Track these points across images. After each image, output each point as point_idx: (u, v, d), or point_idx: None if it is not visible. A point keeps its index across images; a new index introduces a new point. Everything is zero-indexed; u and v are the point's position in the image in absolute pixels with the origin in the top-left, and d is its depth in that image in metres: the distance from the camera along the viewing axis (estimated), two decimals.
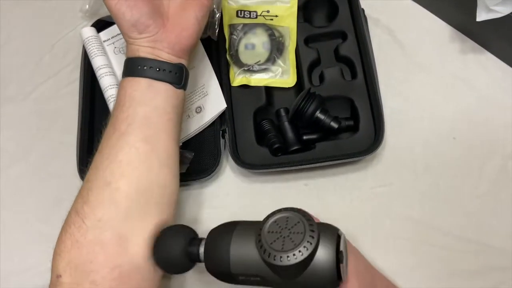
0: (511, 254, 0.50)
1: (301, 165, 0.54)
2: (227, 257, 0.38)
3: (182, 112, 0.49)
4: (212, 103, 0.58)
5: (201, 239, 0.41)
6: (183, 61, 0.48)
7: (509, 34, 0.54)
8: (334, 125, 0.53)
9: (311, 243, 0.35)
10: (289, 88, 0.59)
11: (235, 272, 0.38)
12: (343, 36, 0.59)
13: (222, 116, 0.58)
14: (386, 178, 0.55)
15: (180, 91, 0.47)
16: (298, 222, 0.37)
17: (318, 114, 0.53)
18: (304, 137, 0.55)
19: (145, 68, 0.45)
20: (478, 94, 0.57)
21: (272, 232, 0.37)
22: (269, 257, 0.36)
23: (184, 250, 0.41)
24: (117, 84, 0.59)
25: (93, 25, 0.63)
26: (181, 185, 0.56)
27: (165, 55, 0.46)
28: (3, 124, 0.64)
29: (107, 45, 0.62)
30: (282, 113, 0.57)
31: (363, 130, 0.54)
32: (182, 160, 0.56)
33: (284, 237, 0.36)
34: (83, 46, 0.62)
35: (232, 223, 0.41)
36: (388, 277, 0.49)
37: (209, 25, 0.60)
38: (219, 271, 0.40)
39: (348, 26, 0.59)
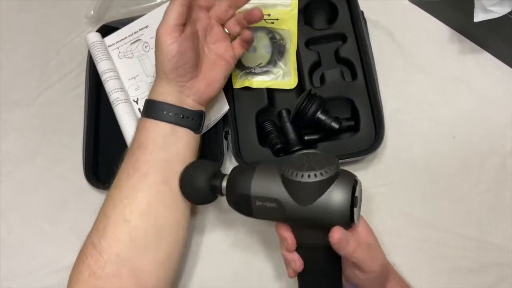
0: (511, 251, 0.51)
1: None
2: (249, 180, 0.41)
3: (197, 152, 0.52)
4: (215, 105, 0.59)
5: (224, 174, 0.45)
6: (202, 108, 0.51)
7: (507, 34, 0.55)
8: (335, 125, 0.54)
9: (331, 169, 0.38)
10: (290, 89, 0.59)
11: (253, 195, 0.41)
12: (343, 38, 0.60)
13: (224, 118, 0.58)
14: (387, 177, 0.55)
15: (198, 135, 0.50)
16: (322, 157, 0.40)
17: (319, 114, 0.54)
18: (306, 138, 0.56)
19: (170, 114, 0.47)
20: (477, 93, 0.58)
21: (298, 160, 0.40)
22: (290, 174, 0.39)
23: (208, 182, 0.45)
24: (121, 88, 0.60)
25: (98, 31, 0.64)
26: None
27: (190, 102, 0.49)
28: (10, 127, 0.65)
29: (112, 50, 0.63)
30: (284, 114, 0.58)
31: (364, 130, 0.55)
32: None
33: (307, 164, 0.40)
34: (89, 51, 0.63)
35: (253, 163, 0.45)
36: None
37: None
38: (240, 193, 0.42)
39: (348, 28, 0.60)
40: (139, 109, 0.61)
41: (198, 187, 0.45)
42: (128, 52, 0.63)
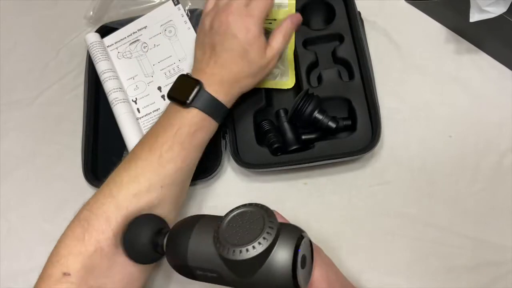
0: (507, 249, 0.51)
1: (300, 164, 0.55)
2: (185, 249, 0.38)
3: None
4: None
5: (167, 231, 0.41)
6: None
7: (502, 34, 0.55)
8: (332, 124, 0.55)
9: (266, 239, 0.33)
10: (288, 89, 0.60)
11: (192, 265, 0.38)
12: (340, 38, 0.60)
13: None
14: (384, 176, 0.56)
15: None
16: (258, 218, 0.35)
17: (316, 114, 0.54)
18: (303, 137, 0.57)
19: (221, 113, 0.50)
20: (473, 93, 0.58)
21: (231, 225, 0.35)
22: (223, 250, 0.34)
23: (151, 240, 0.41)
24: (120, 88, 0.61)
25: (97, 31, 0.64)
26: None
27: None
28: (10, 127, 0.65)
29: (111, 50, 0.64)
30: (282, 113, 0.58)
31: (361, 130, 0.55)
32: None
33: (241, 231, 0.35)
34: (88, 52, 0.63)
35: (196, 216, 0.40)
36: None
37: None
38: (178, 263, 0.39)
39: (345, 28, 0.60)
40: (137, 109, 0.61)
41: (140, 244, 0.41)
42: (127, 52, 0.63)
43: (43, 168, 0.62)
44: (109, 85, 0.60)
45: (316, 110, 0.54)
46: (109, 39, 0.64)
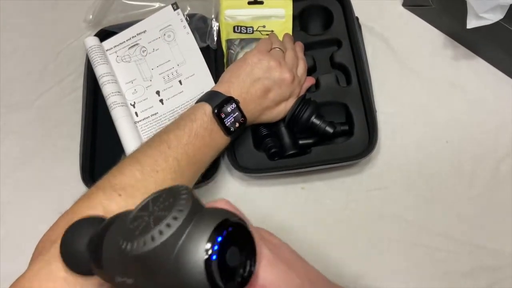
0: (503, 255, 0.51)
1: (297, 169, 0.55)
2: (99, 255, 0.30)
3: None
4: None
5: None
6: None
7: (499, 40, 0.56)
8: (329, 129, 0.55)
9: (170, 226, 0.25)
10: None
11: (108, 273, 0.30)
12: (338, 43, 0.60)
13: None
14: (381, 181, 0.56)
15: None
16: (168, 203, 0.27)
17: (314, 119, 0.55)
18: (300, 142, 0.57)
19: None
20: (470, 98, 0.59)
21: (140, 214, 0.27)
22: (123, 244, 0.26)
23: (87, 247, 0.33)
24: (118, 92, 0.61)
25: (96, 35, 0.65)
26: None
27: None
28: (8, 130, 0.65)
29: (110, 54, 0.64)
30: None
31: (358, 135, 0.55)
32: None
33: (147, 220, 0.26)
34: (87, 55, 0.63)
35: (112, 218, 0.33)
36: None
37: (208, 34, 0.62)
38: (102, 274, 0.32)
39: (343, 34, 0.60)
40: (135, 112, 0.61)
41: (76, 251, 0.34)
42: (126, 56, 0.64)
43: (41, 171, 0.62)
44: (107, 89, 0.61)
45: (313, 115, 0.54)
46: (108, 43, 0.64)
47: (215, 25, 0.62)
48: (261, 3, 0.62)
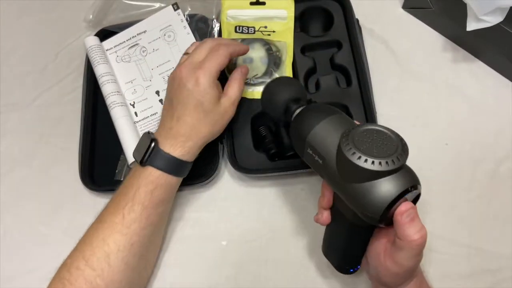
0: (503, 257, 0.51)
1: (297, 169, 0.55)
2: (311, 126, 0.40)
3: None
4: None
5: (303, 105, 0.44)
6: None
7: (499, 43, 0.56)
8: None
9: (388, 163, 0.34)
10: None
11: (308, 142, 0.40)
12: (338, 45, 0.60)
13: None
14: None
15: None
16: (392, 144, 0.36)
17: None
18: None
19: (178, 168, 0.50)
20: (470, 101, 0.59)
21: (365, 134, 0.36)
22: (345, 147, 0.35)
23: (285, 102, 0.45)
24: (118, 92, 0.61)
25: (96, 34, 0.65)
26: (181, 189, 0.58)
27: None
28: (8, 129, 0.65)
29: (110, 54, 0.64)
30: None
31: None
32: None
33: (370, 144, 0.35)
34: (86, 55, 0.63)
35: (334, 109, 0.42)
36: None
37: (208, 35, 0.62)
38: (297, 134, 0.42)
39: (343, 35, 0.60)
40: (135, 112, 0.61)
41: (275, 101, 0.46)
42: (126, 56, 0.64)
43: (40, 171, 0.62)
44: (107, 89, 0.61)
45: None
46: (108, 42, 0.64)
47: (216, 26, 0.62)
48: (263, 3, 0.62)
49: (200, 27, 0.63)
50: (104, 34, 0.65)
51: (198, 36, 0.63)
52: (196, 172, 0.57)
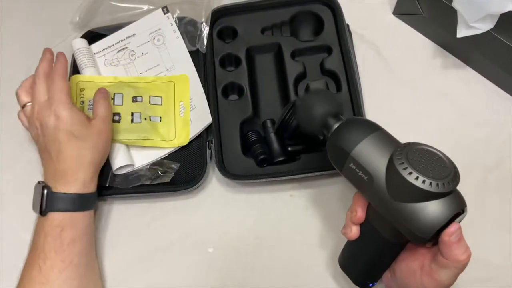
0: (492, 266, 0.51)
1: (286, 176, 0.54)
2: (357, 140, 0.39)
3: None
4: (199, 116, 0.59)
5: (343, 119, 0.43)
6: None
7: (489, 50, 0.56)
8: (319, 136, 0.54)
9: (444, 186, 0.34)
10: (274, 101, 0.60)
11: (353, 156, 0.39)
12: (329, 50, 0.60)
13: (208, 127, 0.58)
14: None
15: None
16: (445, 166, 0.36)
17: None
18: (289, 149, 0.56)
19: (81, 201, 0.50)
20: (460, 108, 0.59)
21: (418, 153, 0.36)
22: (400, 164, 0.35)
23: (323, 116, 0.43)
24: None
25: (83, 36, 0.64)
26: (168, 195, 0.57)
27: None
28: None
29: (98, 57, 0.63)
30: (268, 124, 0.57)
31: None
32: (167, 171, 0.56)
33: (424, 164, 0.36)
34: (72, 57, 0.62)
35: (376, 124, 0.41)
36: None
37: (197, 38, 0.62)
38: (339, 147, 0.40)
39: (333, 40, 0.60)
40: None
41: (313, 115, 0.44)
42: (114, 59, 0.63)
43: (24, 175, 0.61)
44: None
45: None
46: (97, 45, 0.63)
47: (205, 29, 0.62)
48: None
49: (189, 30, 0.62)
50: (91, 36, 0.64)
51: (187, 39, 0.62)
52: (183, 177, 0.57)
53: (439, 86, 0.60)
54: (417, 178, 0.35)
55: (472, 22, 0.51)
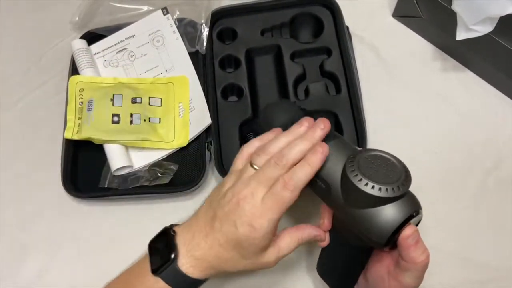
0: (490, 268, 0.51)
1: None
2: None
3: None
4: (198, 118, 0.58)
5: None
6: None
7: (488, 52, 0.56)
8: None
9: (394, 190, 0.35)
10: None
11: None
12: (328, 52, 0.60)
13: (207, 128, 0.58)
14: None
15: None
16: (396, 171, 0.37)
17: None
18: None
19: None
20: (459, 110, 0.59)
21: (369, 159, 0.37)
22: (351, 173, 0.36)
23: (285, 126, 0.43)
24: None
25: (82, 37, 0.63)
26: (167, 196, 0.56)
27: None
28: None
29: (97, 58, 0.63)
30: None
31: None
32: (166, 172, 0.56)
33: (375, 170, 0.36)
34: (72, 57, 0.62)
35: (334, 133, 0.42)
36: None
37: (197, 39, 0.62)
38: None
39: (333, 42, 0.60)
40: None
41: (273, 125, 0.45)
42: (114, 60, 0.63)
43: (21, 175, 0.61)
44: None
45: None
46: (96, 46, 0.63)
47: (205, 30, 0.62)
48: None
49: (189, 31, 0.62)
50: (91, 37, 0.63)
51: (187, 40, 0.62)
52: (182, 179, 0.57)
53: (438, 89, 0.60)
54: (366, 184, 0.35)
55: (472, 25, 0.51)
